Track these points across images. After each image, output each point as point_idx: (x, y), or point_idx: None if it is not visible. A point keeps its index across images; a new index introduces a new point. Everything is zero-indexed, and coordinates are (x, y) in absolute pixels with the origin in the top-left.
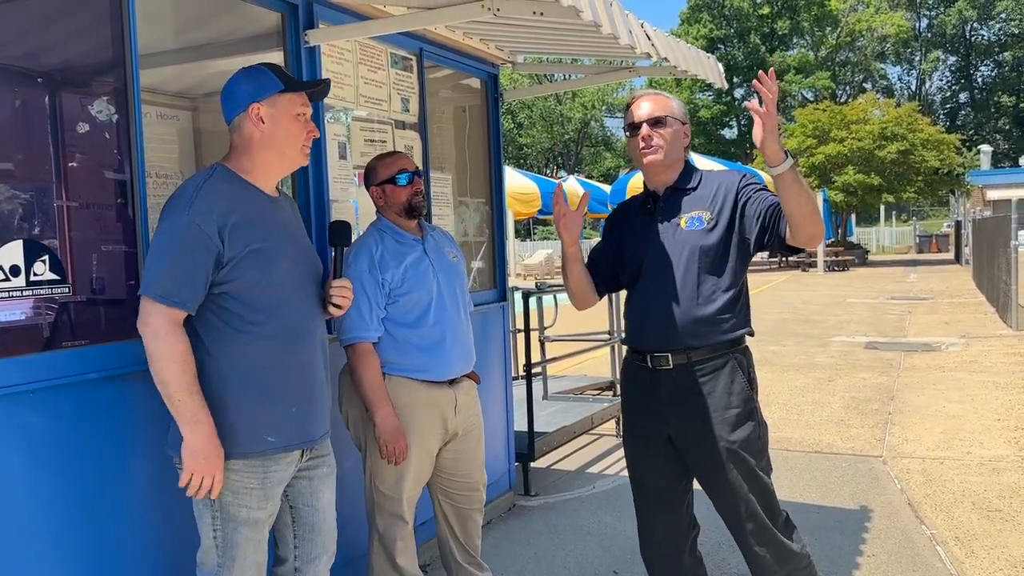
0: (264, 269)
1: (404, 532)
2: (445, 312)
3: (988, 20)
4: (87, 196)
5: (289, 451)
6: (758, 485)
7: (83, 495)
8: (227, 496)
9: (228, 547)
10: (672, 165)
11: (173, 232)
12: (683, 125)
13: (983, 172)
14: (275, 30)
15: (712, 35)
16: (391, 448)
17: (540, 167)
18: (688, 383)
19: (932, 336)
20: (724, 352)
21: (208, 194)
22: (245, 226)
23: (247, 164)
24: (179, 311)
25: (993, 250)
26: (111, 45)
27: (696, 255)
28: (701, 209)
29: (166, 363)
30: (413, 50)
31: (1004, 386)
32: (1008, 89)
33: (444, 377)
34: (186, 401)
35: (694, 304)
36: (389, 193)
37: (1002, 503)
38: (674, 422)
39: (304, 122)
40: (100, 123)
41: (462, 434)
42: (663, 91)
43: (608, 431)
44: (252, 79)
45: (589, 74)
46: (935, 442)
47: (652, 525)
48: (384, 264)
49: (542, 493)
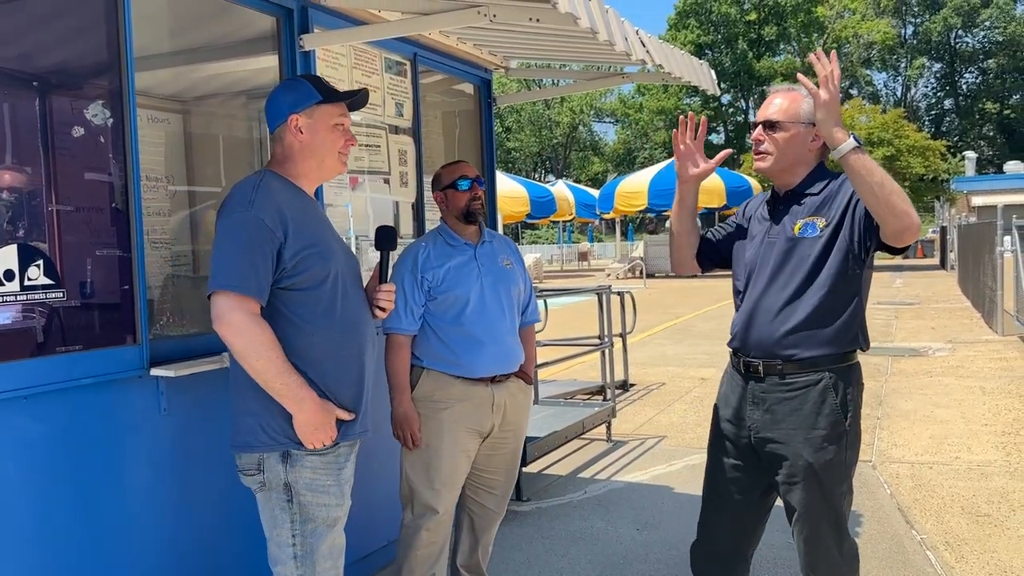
0: (324, 264)
1: (432, 523)
2: (485, 313)
3: (972, 28)
4: (81, 200)
5: (353, 444)
6: (830, 513)
7: (77, 501)
8: (306, 496)
9: (308, 555)
10: (788, 169)
11: (238, 228)
12: (809, 126)
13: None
14: (270, 34)
15: (700, 41)
16: (403, 432)
17: (528, 171)
18: (777, 394)
19: (919, 341)
20: (822, 368)
21: (267, 192)
22: (302, 223)
23: (291, 171)
24: (255, 302)
25: (978, 256)
26: (106, 48)
27: (803, 263)
28: (818, 215)
29: (260, 353)
30: (407, 55)
31: (991, 391)
32: (992, 96)
33: (479, 374)
34: (287, 383)
35: (793, 314)
36: (450, 198)
37: (991, 508)
38: (757, 431)
39: (343, 132)
40: (95, 126)
41: (498, 433)
42: (798, 88)
43: (599, 436)
44: (292, 91)
45: (579, 79)
46: (924, 447)
47: (711, 525)
48: (428, 264)
49: (534, 498)
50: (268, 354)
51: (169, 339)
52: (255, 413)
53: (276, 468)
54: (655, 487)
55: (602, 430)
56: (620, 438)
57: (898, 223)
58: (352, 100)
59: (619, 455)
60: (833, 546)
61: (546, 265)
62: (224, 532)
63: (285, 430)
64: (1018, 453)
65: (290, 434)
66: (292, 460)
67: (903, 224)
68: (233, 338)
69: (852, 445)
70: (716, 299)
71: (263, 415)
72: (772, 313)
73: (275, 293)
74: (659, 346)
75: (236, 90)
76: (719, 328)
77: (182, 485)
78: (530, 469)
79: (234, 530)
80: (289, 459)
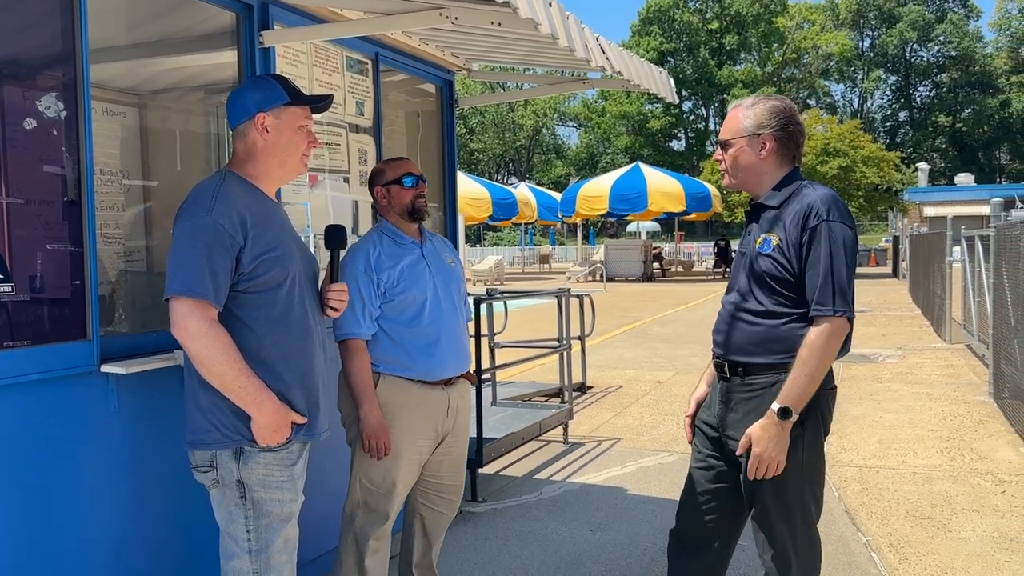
0: (283, 268)
1: (382, 531)
2: (440, 313)
3: (927, 42)
4: (32, 193)
5: (306, 442)
6: (783, 511)
7: (23, 501)
8: (259, 492)
9: (263, 549)
10: (750, 181)
11: (197, 233)
12: (754, 137)
13: (920, 189)
14: (229, 29)
15: (662, 48)
16: (373, 443)
17: (491, 173)
18: (739, 394)
19: (869, 348)
20: (780, 372)
21: (227, 196)
22: (262, 227)
23: (252, 171)
24: (212, 307)
25: (929, 265)
26: (61, 39)
27: (759, 276)
28: (772, 231)
29: (217, 358)
30: (369, 54)
31: (937, 397)
32: (945, 109)
33: (437, 377)
34: (247, 385)
35: (754, 319)
36: (394, 194)
37: (934, 511)
38: (724, 429)
39: (307, 133)
40: (47, 119)
41: (451, 437)
42: (745, 100)
43: (556, 438)
44: (260, 89)
45: (542, 84)
46: (871, 451)
47: (685, 515)
48: (380, 265)
49: (489, 499)
50: (226, 359)
51: (121, 336)
52: (207, 410)
53: (229, 465)
54: (609, 488)
55: (559, 432)
56: (577, 440)
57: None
58: (316, 104)
59: (575, 457)
60: (789, 546)
61: (507, 267)
62: (175, 530)
63: (237, 427)
64: (961, 458)
65: (243, 431)
66: (245, 457)
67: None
68: (191, 343)
69: (811, 447)
70: (673, 304)
71: (215, 412)
72: (738, 318)
73: (231, 296)
74: (617, 349)
75: (194, 85)
76: (676, 332)
77: (133, 483)
78: (486, 470)
79: (185, 527)
80: (242, 456)
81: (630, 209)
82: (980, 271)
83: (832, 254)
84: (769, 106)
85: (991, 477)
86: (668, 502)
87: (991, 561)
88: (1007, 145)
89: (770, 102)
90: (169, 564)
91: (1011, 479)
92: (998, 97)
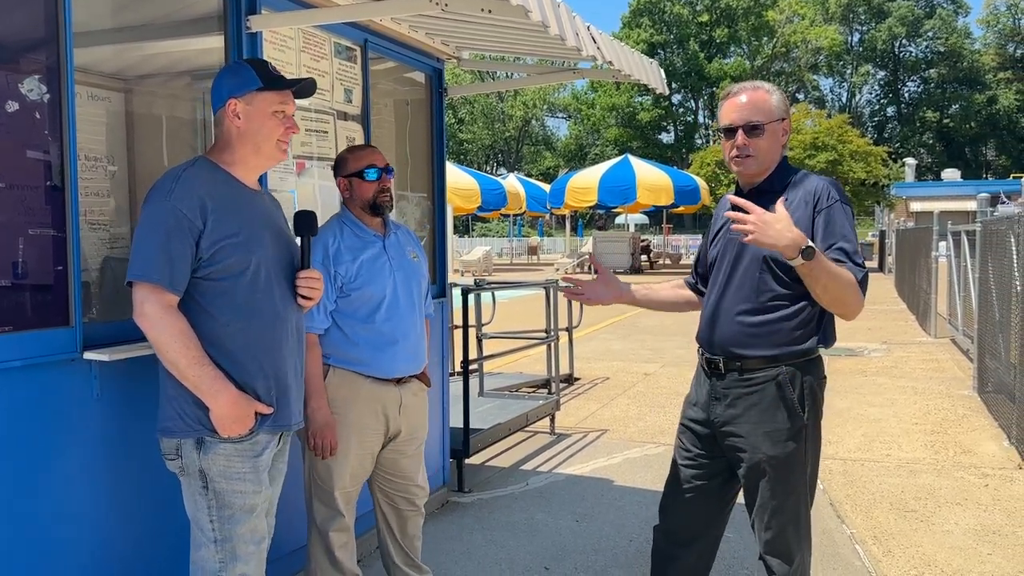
0: (245, 255)
1: (340, 525)
2: (398, 311)
3: (916, 38)
4: (14, 177)
5: (272, 433)
6: (787, 504)
7: (6, 487)
8: (220, 483)
9: (227, 539)
10: (768, 166)
11: (156, 219)
12: (779, 122)
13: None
14: (216, 14)
15: (652, 40)
16: (319, 441)
17: (480, 163)
18: (737, 390)
19: (855, 342)
20: (780, 363)
21: (189, 181)
22: (225, 213)
23: (228, 157)
24: (171, 293)
25: (915, 260)
26: (44, 21)
27: (760, 261)
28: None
29: (171, 345)
30: (357, 41)
31: (922, 391)
32: (933, 105)
33: (389, 375)
34: (200, 375)
35: (750, 311)
36: (356, 187)
37: (917, 504)
38: (720, 426)
39: (282, 119)
40: (30, 102)
41: (405, 435)
42: (763, 84)
43: (542, 428)
44: (233, 75)
45: (532, 74)
46: (856, 444)
47: (670, 510)
48: (339, 258)
49: (476, 490)
50: (179, 346)
51: (105, 323)
52: (173, 399)
53: (192, 455)
54: (595, 479)
55: (546, 423)
56: (563, 431)
57: (843, 310)
58: (298, 88)
59: (561, 448)
60: (791, 537)
61: (496, 258)
62: (158, 516)
63: (199, 417)
64: (945, 452)
65: (204, 421)
66: (205, 447)
67: (848, 311)
68: (148, 329)
69: (812, 439)
70: None
71: (179, 401)
72: (731, 313)
73: (192, 282)
74: (604, 341)
75: (180, 70)
76: (663, 324)
77: (115, 471)
78: (473, 461)
79: (167, 514)
80: (203, 446)
81: (619, 201)
82: (966, 266)
83: (852, 228)
84: (780, 92)
85: (974, 471)
86: (654, 493)
87: (973, 554)
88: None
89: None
90: (151, 550)
91: (994, 473)
92: (985, 93)
